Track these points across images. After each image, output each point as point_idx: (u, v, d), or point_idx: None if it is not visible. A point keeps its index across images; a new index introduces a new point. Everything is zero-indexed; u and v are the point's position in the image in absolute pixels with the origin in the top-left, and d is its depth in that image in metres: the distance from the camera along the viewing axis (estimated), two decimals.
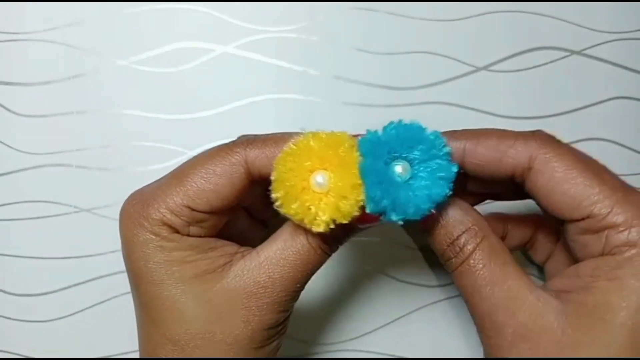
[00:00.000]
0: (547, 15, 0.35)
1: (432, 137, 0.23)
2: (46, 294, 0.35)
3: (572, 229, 0.23)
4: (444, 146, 0.23)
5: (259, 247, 0.25)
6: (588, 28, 0.36)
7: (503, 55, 0.35)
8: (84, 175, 0.34)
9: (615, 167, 0.36)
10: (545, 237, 0.30)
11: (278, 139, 0.24)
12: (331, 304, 0.36)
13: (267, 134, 0.25)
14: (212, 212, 0.24)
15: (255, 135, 0.25)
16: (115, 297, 0.35)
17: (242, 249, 0.25)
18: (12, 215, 0.35)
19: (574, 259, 0.24)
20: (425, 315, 0.36)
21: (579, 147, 0.37)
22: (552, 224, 0.29)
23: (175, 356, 0.24)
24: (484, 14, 0.35)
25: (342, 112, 0.35)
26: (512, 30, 0.35)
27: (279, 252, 0.24)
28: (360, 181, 0.22)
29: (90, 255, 0.35)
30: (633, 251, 0.21)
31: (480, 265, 0.23)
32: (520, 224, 0.30)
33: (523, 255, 0.34)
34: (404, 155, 0.23)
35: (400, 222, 0.23)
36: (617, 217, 0.21)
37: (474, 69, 0.35)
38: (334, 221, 0.22)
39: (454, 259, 0.24)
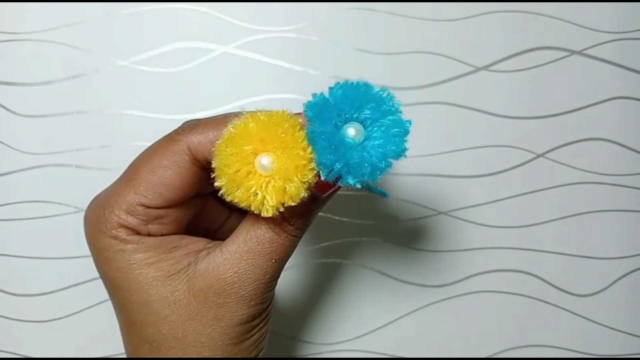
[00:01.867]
0: (547, 15, 0.35)
1: (381, 93, 0.22)
2: (46, 294, 0.35)
3: None
4: (395, 101, 0.22)
5: (223, 244, 0.24)
6: (588, 28, 0.36)
7: (503, 55, 0.35)
8: (84, 175, 0.34)
9: (616, 167, 0.37)
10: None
11: (219, 122, 0.23)
12: (331, 304, 0.36)
13: (211, 117, 0.24)
14: (168, 206, 0.24)
15: (199, 119, 0.24)
16: None
17: (210, 244, 0.24)
18: (12, 215, 0.35)
19: None
20: (425, 315, 0.36)
21: (579, 147, 0.37)
22: None
23: (154, 356, 0.23)
24: (484, 14, 0.35)
25: None
26: (512, 30, 0.35)
27: (242, 244, 0.23)
28: (304, 161, 0.21)
29: (90, 256, 0.35)
30: None
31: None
32: None
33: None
34: (354, 116, 0.22)
35: (358, 185, 0.22)
36: None
37: (474, 69, 0.35)
38: (283, 204, 0.21)
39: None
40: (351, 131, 0.22)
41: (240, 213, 0.29)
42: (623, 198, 0.37)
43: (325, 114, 0.21)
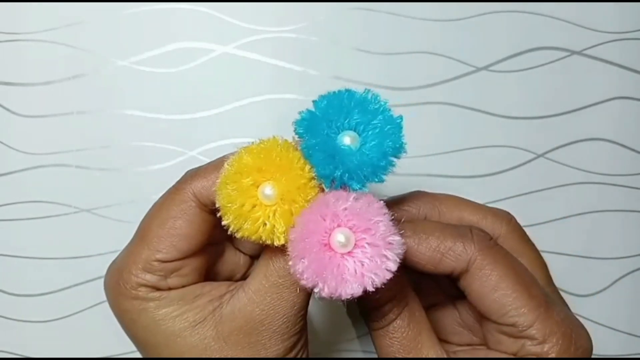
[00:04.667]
0: (547, 15, 0.35)
1: (365, 95, 0.22)
2: (46, 294, 0.35)
3: (494, 327, 0.25)
4: (381, 100, 0.22)
5: (245, 282, 0.24)
6: (588, 28, 0.36)
7: (503, 55, 0.35)
8: (84, 175, 0.34)
9: (616, 167, 0.37)
10: None
11: (219, 164, 0.23)
12: (331, 304, 0.36)
13: (211, 162, 0.24)
14: (184, 257, 0.24)
15: (199, 167, 0.25)
16: None
17: (232, 286, 0.24)
18: (12, 215, 0.35)
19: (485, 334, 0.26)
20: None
21: (579, 147, 0.37)
22: None
23: None
24: (484, 14, 0.35)
25: None
26: (512, 30, 0.35)
27: (264, 280, 0.23)
28: (304, 180, 0.21)
29: (90, 256, 0.35)
30: None
31: (399, 333, 0.24)
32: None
33: None
34: (345, 124, 0.22)
35: (366, 189, 0.21)
36: (536, 332, 0.23)
37: (474, 69, 0.35)
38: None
39: (375, 322, 0.25)
40: (346, 139, 0.21)
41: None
42: (623, 198, 0.37)
43: (315, 127, 0.21)
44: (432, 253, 0.24)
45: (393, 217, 0.21)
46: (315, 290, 0.20)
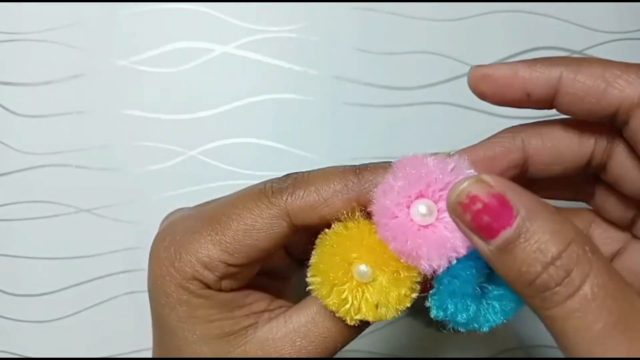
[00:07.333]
0: (547, 15, 0.35)
1: None
2: (46, 294, 0.35)
3: None
4: None
5: (287, 314, 0.23)
6: (588, 28, 0.36)
7: (503, 55, 0.35)
8: (84, 175, 0.34)
9: None
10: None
11: (320, 188, 0.21)
12: None
13: (310, 176, 0.22)
14: (248, 264, 0.23)
15: (297, 175, 0.23)
16: (116, 297, 0.35)
17: (273, 305, 0.23)
18: (12, 215, 0.35)
19: None
20: (425, 315, 0.36)
21: None
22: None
23: None
24: (484, 14, 0.35)
25: (342, 112, 0.35)
26: (512, 30, 0.35)
27: (310, 324, 0.22)
28: (409, 292, 0.20)
29: (90, 256, 0.35)
30: None
31: (592, 311, 0.16)
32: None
33: None
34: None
35: (462, 330, 0.21)
36: None
37: None
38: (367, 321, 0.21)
39: (550, 295, 0.17)
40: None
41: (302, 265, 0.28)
42: None
43: (467, 280, 0.20)
44: (595, 81, 0.20)
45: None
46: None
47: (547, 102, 0.21)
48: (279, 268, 0.27)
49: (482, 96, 0.22)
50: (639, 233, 0.23)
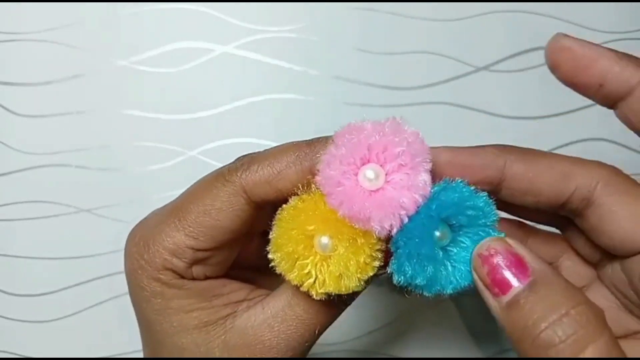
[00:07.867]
0: (547, 15, 0.35)
1: (482, 203, 0.20)
2: (46, 294, 0.35)
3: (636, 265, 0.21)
4: (494, 213, 0.20)
5: (265, 301, 0.23)
6: (588, 28, 0.36)
7: (503, 55, 0.35)
8: (84, 175, 0.34)
9: None
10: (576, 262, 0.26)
11: (274, 157, 0.22)
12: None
13: (264, 152, 0.23)
14: (217, 248, 0.23)
15: (252, 154, 0.23)
16: (115, 297, 0.35)
17: (252, 294, 0.23)
18: (12, 215, 0.35)
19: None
20: (425, 315, 0.36)
21: (579, 147, 0.37)
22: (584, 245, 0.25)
23: None
24: (484, 14, 0.35)
25: (342, 112, 0.35)
26: (512, 30, 0.35)
27: (287, 308, 0.22)
28: (368, 259, 0.20)
29: (90, 256, 0.35)
30: None
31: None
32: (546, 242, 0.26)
33: None
34: (443, 217, 0.20)
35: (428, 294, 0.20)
36: None
37: (474, 69, 0.35)
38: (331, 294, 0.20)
39: (554, 353, 0.17)
40: (437, 234, 0.20)
41: None
42: None
43: (427, 224, 0.20)
44: (554, 174, 0.21)
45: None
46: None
47: (614, 101, 0.21)
48: (262, 262, 0.28)
49: (554, 67, 0.21)
50: (603, 277, 0.24)
